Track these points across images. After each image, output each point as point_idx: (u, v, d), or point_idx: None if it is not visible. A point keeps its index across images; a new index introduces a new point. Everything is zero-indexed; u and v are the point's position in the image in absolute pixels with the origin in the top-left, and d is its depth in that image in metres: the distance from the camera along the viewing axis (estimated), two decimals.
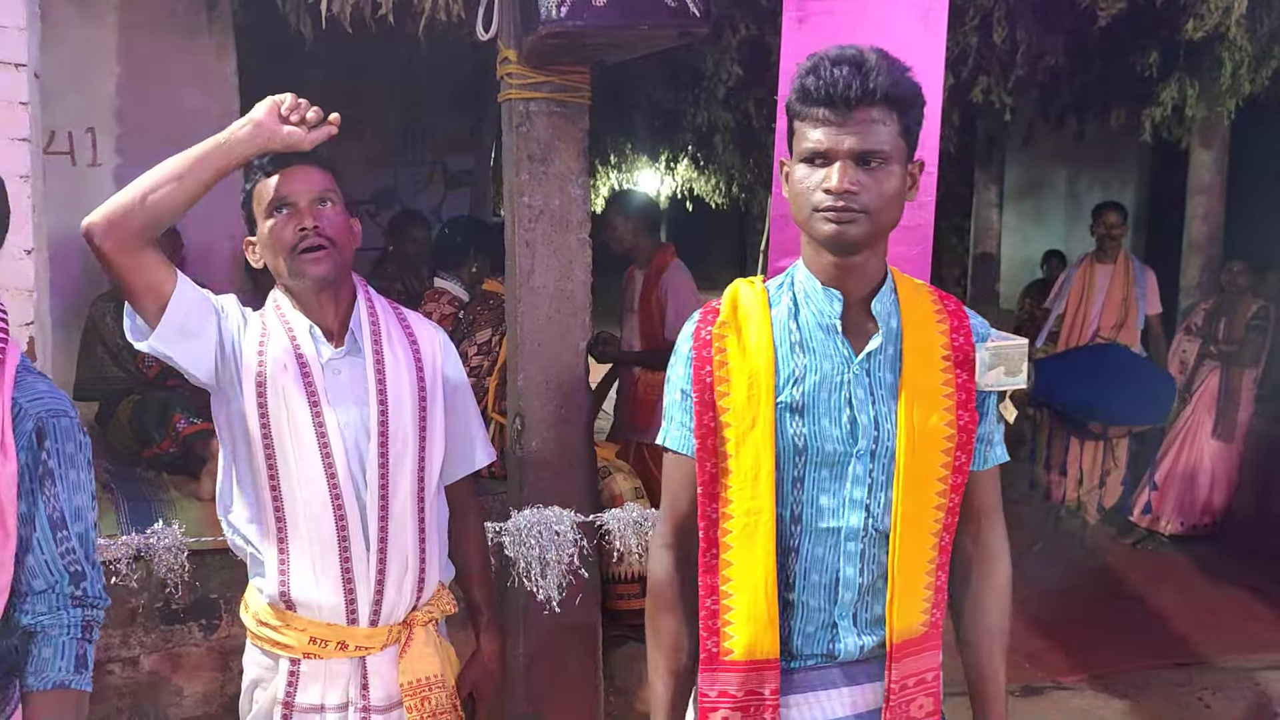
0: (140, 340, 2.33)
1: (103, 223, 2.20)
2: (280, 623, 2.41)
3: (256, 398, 2.35)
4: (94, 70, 5.00)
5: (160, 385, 4.65)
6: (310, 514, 2.36)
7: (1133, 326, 6.98)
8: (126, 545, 3.35)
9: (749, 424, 1.87)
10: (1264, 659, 5.42)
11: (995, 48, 5.72)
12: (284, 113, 2.28)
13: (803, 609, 1.91)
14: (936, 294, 2.03)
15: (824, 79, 1.80)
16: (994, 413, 2.01)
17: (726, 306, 1.97)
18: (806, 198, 1.83)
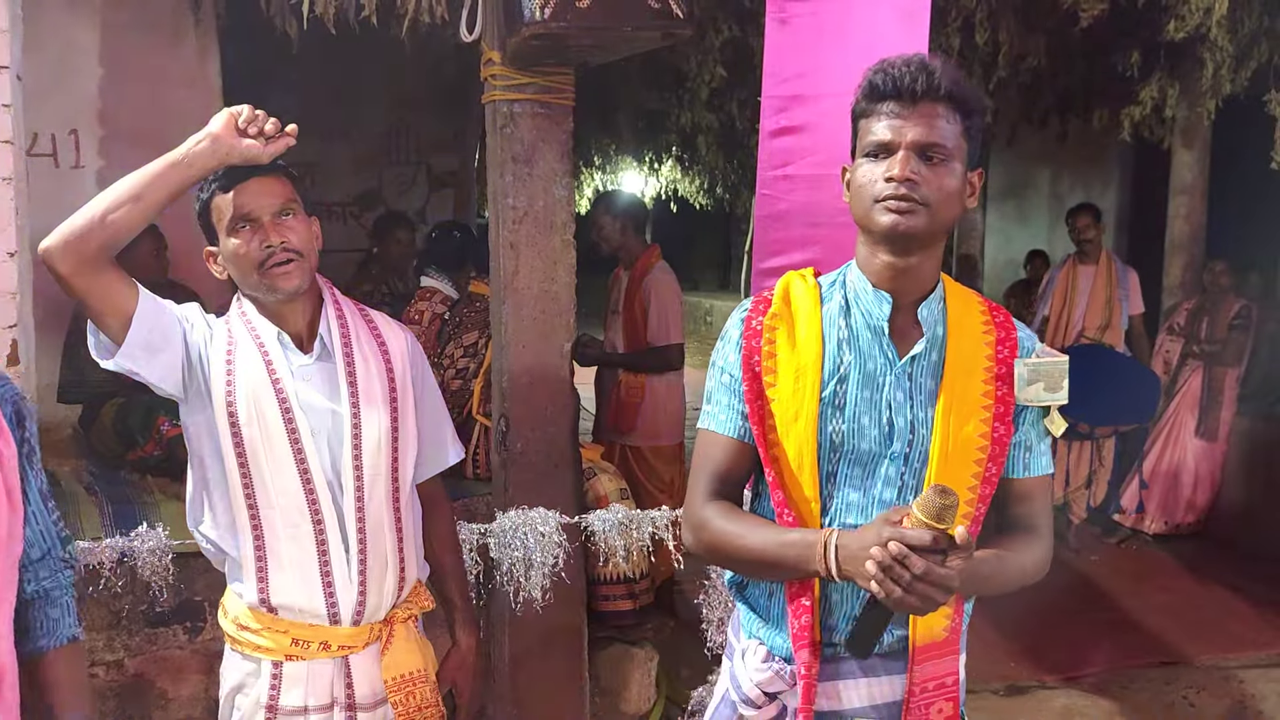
0: (106, 359, 2.32)
1: (60, 245, 2.18)
2: (261, 626, 2.41)
3: (226, 408, 2.34)
4: (77, 72, 4.98)
5: (144, 388, 4.62)
6: (288, 520, 2.36)
7: (1117, 327, 7.03)
8: (110, 548, 3.34)
9: (793, 416, 1.90)
10: (1248, 657, 5.44)
11: (978, 49, 5.75)
12: (241, 125, 2.26)
13: (825, 600, 1.94)
14: (988, 305, 2.05)
15: (891, 74, 1.85)
16: (1034, 424, 2.02)
17: (779, 298, 1.99)
18: (868, 190, 1.86)
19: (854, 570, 1.73)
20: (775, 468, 1.91)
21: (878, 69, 1.88)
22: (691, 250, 15.82)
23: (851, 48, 3.06)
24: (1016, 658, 5.35)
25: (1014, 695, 5.01)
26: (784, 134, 3.11)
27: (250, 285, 2.37)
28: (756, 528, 1.91)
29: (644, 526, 3.58)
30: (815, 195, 3.10)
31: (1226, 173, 7.74)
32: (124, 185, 2.23)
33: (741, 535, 1.89)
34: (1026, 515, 2.02)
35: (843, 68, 3.08)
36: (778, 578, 1.93)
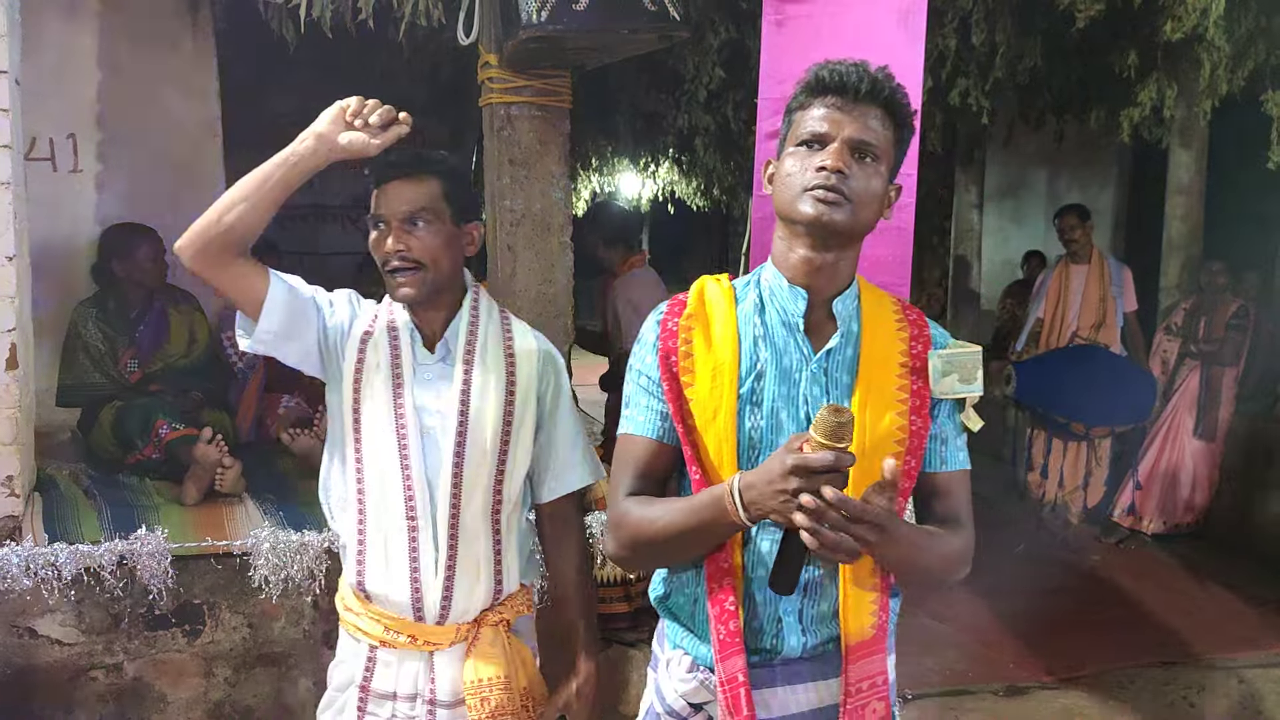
0: (245, 338, 2.45)
1: (187, 246, 2.32)
2: (361, 610, 2.49)
3: (353, 394, 2.44)
4: (75, 76, 4.99)
5: (142, 391, 4.64)
6: (386, 512, 2.42)
7: (1112, 325, 7.02)
8: (110, 551, 3.34)
9: (711, 415, 1.89)
10: (1247, 657, 5.44)
11: (974, 50, 5.75)
12: (348, 117, 2.30)
13: (749, 602, 1.92)
14: (900, 304, 2.05)
15: (837, 70, 1.86)
16: (950, 417, 2.01)
17: (694, 300, 1.99)
18: (796, 179, 1.86)
19: (763, 506, 1.71)
20: (698, 466, 1.90)
21: (822, 66, 1.89)
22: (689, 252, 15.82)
23: (848, 49, 3.05)
24: (1016, 658, 5.35)
25: (1014, 696, 5.01)
26: None
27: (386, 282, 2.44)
28: (670, 504, 1.90)
29: None
30: None
31: (1224, 173, 7.75)
32: (239, 186, 2.31)
33: (658, 516, 1.87)
34: (946, 509, 2.00)
35: None
36: (701, 548, 1.89)
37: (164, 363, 4.77)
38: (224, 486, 4.14)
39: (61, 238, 4.92)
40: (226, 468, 4.13)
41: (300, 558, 3.64)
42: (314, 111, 2.39)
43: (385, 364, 2.43)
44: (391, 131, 2.31)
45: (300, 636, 3.80)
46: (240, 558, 3.69)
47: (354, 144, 2.28)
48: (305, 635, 3.81)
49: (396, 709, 2.49)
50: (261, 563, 3.63)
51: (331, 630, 3.81)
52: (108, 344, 4.68)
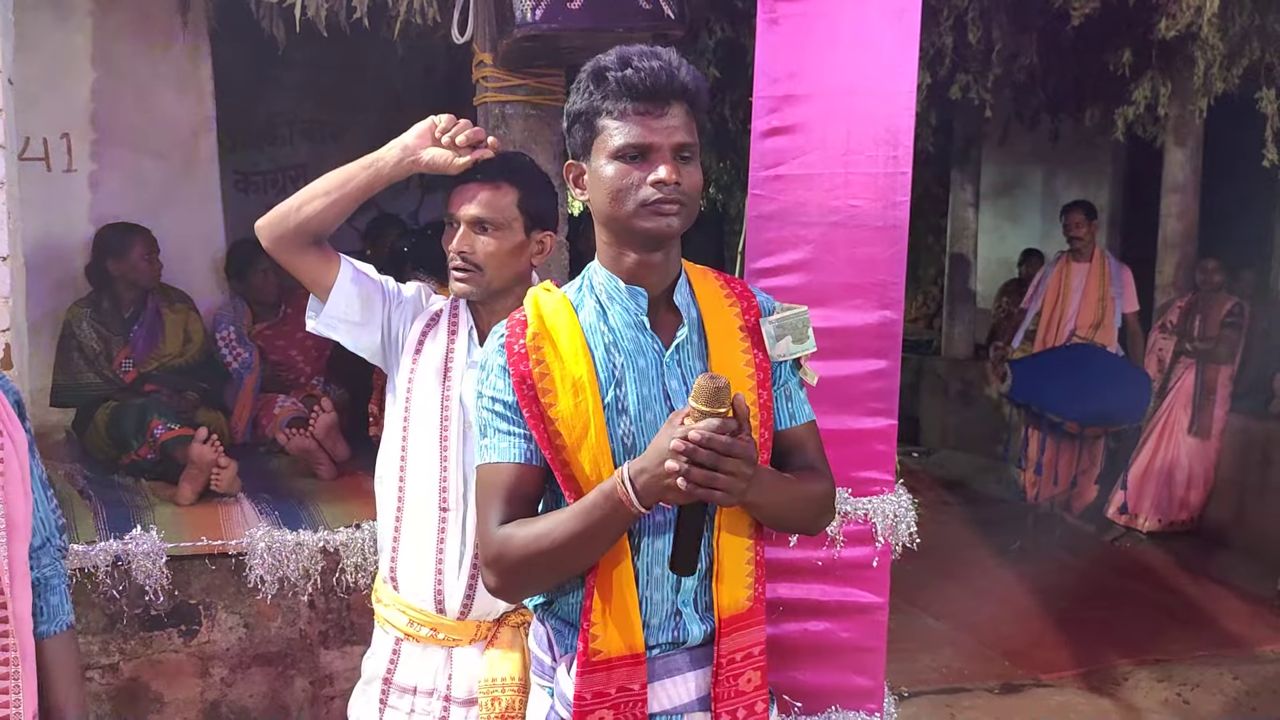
0: (310, 321, 2.56)
1: (265, 226, 2.46)
2: (390, 601, 2.55)
3: (407, 385, 2.52)
4: (69, 76, 4.98)
5: (137, 391, 4.64)
6: (421, 504, 2.50)
7: (1110, 325, 7.03)
8: (105, 551, 3.34)
9: (581, 431, 1.86)
10: (1242, 654, 5.46)
11: (970, 47, 5.76)
12: (437, 134, 2.38)
13: (647, 603, 1.91)
14: (722, 278, 2.06)
15: (641, 71, 1.82)
16: (791, 375, 2.04)
17: (533, 317, 1.95)
18: (630, 194, 1.83)
19: (656, 485, 1.71)
20: (572, 485, 1.87)
21: (621, 63, 1.84)
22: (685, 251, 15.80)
23: (843, 47, 3.07)
24: (1012, 656, 5.36)
25: (1009, 693, 5.01)
26: (776, 134, 3.11)
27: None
28: (556, 515, 1.85)
29: None
30: (807, 195, 3.11)
31: (1219, 171, 7.76)
32: (322, 181, 2.43)
33: (546, 529, 1.83)
34: (803, 460, 2.02)
35: (835, 67, 3.10)
36: (595, 553, 1.85)
37: (159, 363, 4.77)
38: (219, 486, 4.14)
39: (56, 237, 4.91)
40: (222, 468, 4.13)
41: (295, 558, 3.65)
42: (309, 110, 2.39)
43: (439, 357, 2.51)
44: (477, 153, 2.39)
45: (296, 636, 3.80)
46: (236, 558, 3.69)
47: (436, 160, 2.38)
48: (301, 635, 3.81)
49: (415, 703, 2.54)
50: (257, 562, 3.63)
51: (329, 630, 3.83)
52: (102, 344, 4.68)
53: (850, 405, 3.18)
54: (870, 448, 3.25)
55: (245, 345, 5.15)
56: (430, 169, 2.38)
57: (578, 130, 1.92)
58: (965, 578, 6.44)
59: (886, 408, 3.22)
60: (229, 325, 5.15)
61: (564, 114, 1.95)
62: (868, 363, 3.18)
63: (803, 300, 3.08)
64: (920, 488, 7.41)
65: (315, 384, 5.30)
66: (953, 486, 8.88)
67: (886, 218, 3.12)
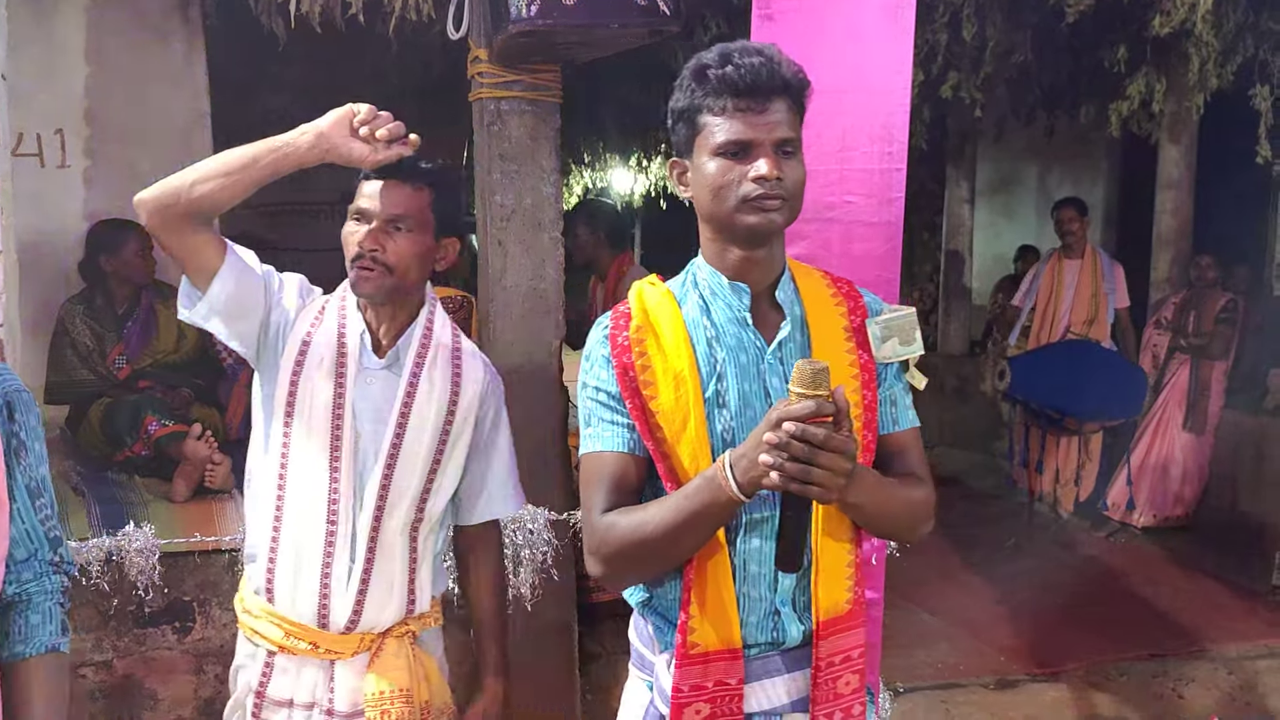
0: (186, 309, 2.36)
1: (150, 201, 2.24)
2: (261, 614, 2.41)
3: (288, 387, 2.37)
4: (63, 72, 4.97)
5: (131, 388, 4.63)
6: (305, 514, 2.36)
7: (1103, 321, 7.06)
8: (98, 548, 3.33)
9: (680, 424, 1.88)
10: (1236, 649, 5.46)
11: (965, 44, 5.76)
12: (355, 125, 2.22)
13: (745, 600, 1.92)
14: (830, 278, 2.07)
15: (742, 68, 1.82)
16: (897, 378, 2.03)
17: (637, 310, 1.97)
18: (731, 190, 1.85)
19: (754, 471, 1.70)
20: (673, 477, 1.88)
21: (722, 60, 1.84)
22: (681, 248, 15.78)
23: (838, 44, 3.07)
24: (1007, 651, 5.36)
25: (1005, 689, 5.02)
26: None
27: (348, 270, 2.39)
28: (658, 503, 1.86)
29: None
30: None
31: (1213, 167, 7.76)
32: (220, 158, 2.24)
33: (648, 517, 1.84)
34: (904, 467, 2.01)
35: (829, 64, 3.08)
36: (696, 541, 1.86)
37: (153, 359, 4.76)
38: (213, 483, 4.13)
39: (49, 234, 4.90)
40: (216, 464, 4.13)
41: None
42: (304, 106, 2.37)
43: (330, 361, 2.37)
44: (394, 149, 2.25)
45: None
46: (230, 554, 3.68)
47: (354, 153, 2.23)
48: None
49: (293, 716, 2.43)
50: None
51: None
52: (96, 340, 4.67)
53: None
54: None
55: None
56: (345, 161, 2.23)
57: (680, 128, 1.93)
58: (961, 574, 6.44)
59: None
60: None
61: (667, 112, 1.96)
62: None
63: None
64: None
65: None
66: (949, 482, 8.87)
67: (882, 214, 3.11)
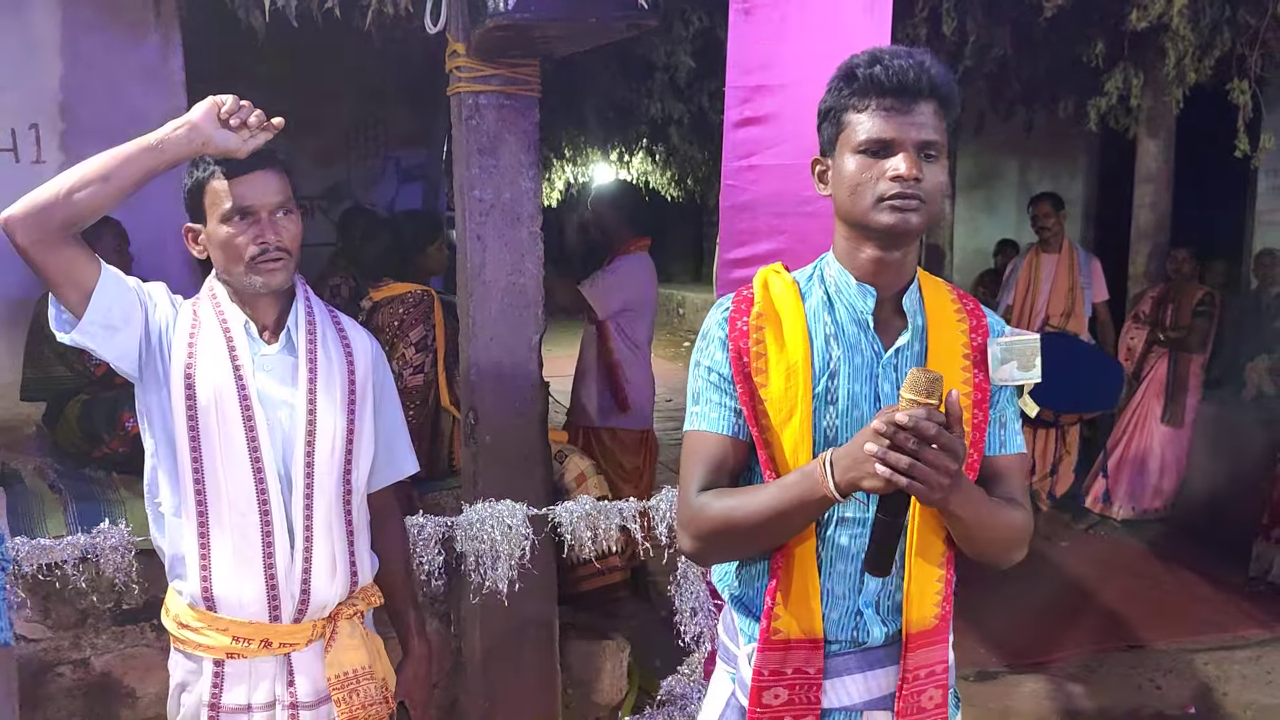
0: (65, 332, 2.29)
1: (22, 217, 2.15)
2: (202, 624, 2.38)
3: (185, 390, 2.32)
4: (37, 67, 4.94)
5: (108, 384, 4.59)
6: (235, 512, 2.34)
7: (1080, 314, 7.09)
8: (73, 545, 3.31)
9: (786, 415, 1.90)
10: (1213, 640, 5.51)
11: (944, 39, 5.77)
12: (223, 115, 2.22)
13: (829, 595, 1.95)
14: (956, 293, 2.07)
15: (892, 69, 1.82)
16: (1010, 402, 2.04)
17: (760, 296, 1.98)
18: (868, 188, 1.85)
19: (854, 472, 1.71)
20: (772, 466, 1.91)
21: (871, 61, 1.85)
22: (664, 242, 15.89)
23: (815, 38, 3.07)
24: (985, 644, 5.39)
25: (983, 681, 5.05)
26: (748, 124, 3.12)
27: (233, 274, 2.36)
28: (755, 489, 1.90)
29: (612, 517, 3.58)
30: (780, 185, 3.11)
31: (1191, 162, 7.80)
32: (93, 164, 2.19)
33: (743, 503, 1.88)
34: (1005, 492, 2.01)
35: (807, 58, 3.09)
36: (787, 532, 1.89)
37: None
38: None
39: None
40: None
41: None
42: (281, 101, 2.37)
43: (223, 358, 2.35)
44: (261, 136, 2.26)
45: None
46: None
47: (229, 143, 2.22)
48: None
49: (253, 719, 2.43)
50: None
51: None
52: None
53: None
54: None
55: None
56: (219, 151, 2.22)
57: (826, 127, 1.94)
58: None
59: None
60: None
61: (816, 113, 1.96)
62: None
63: None
64: None
65: None
66: None
67: None
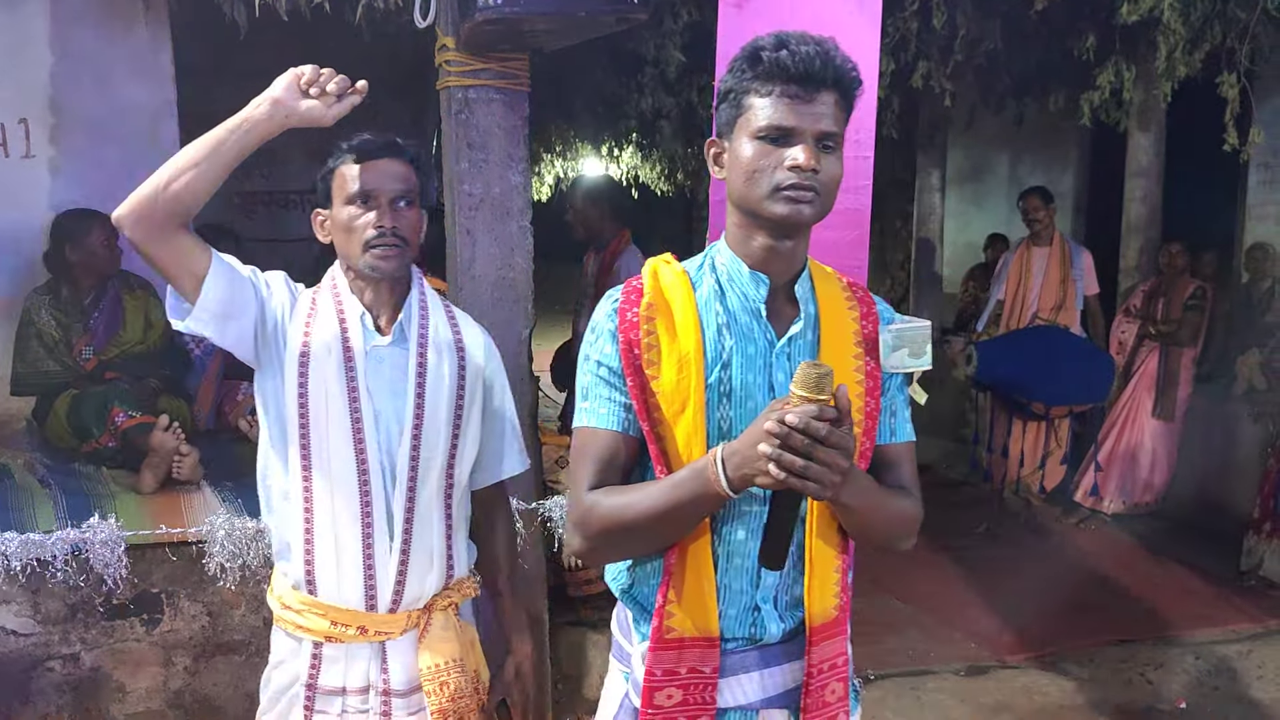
0: (179, 319, 2.35)
1: (129, 214, 2.24)
2: (304, 607, 2.43)
3: (298, 378, 2.37)
4: (27, 61, 4.92)
5: (98, 379, 4.59)
6: (338, 500, 2.38)
7: (1071, 308, 7.10)
8: (62, 540, 3.31)
9: (679, 408, 1.85)
10: (1204, 634, 5.51)
11: (935, 33, 5.77)
12: (303, 85, 2.24)
13: (726, 591, 1.91)
14: (846, 281, 2.04)
15: (799, 56, 1.78)
16: (900, 390, 2.02)
17: (650, 287, 1.93)
18: (765, 176, 1.81)
19: (747, 468, 1.69)
20: (664, 461, 1.87)
21: (777, 45, 1.80)
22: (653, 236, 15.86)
23: None
24: (977, 638, 5.40)
25: (975, 675, 5.04)
26: None
27: (350, 258, 2.41)
28: (646, 487, 1.85)
29: None
30: None
31: (1182, 155, 7.81)
32: (186, 153, 2.24)
33: (634, 500, 1.83)
34: (896, 479, 2.00)
35: None
36: (679, 531, 1.85)
37: (119, 350, 4.72)
38: (181, 474, 4.11)
39: (14, 224, 4.85)
40: (183, 455, 4.10)
41: (256, 544, 3.62)
42: None
43: (336, 348, 2.38)
44: (346, 101, 2.28)
45: (260, 624, 3.78)
46: (197, 545, 3.66)
47: (313, 112, 2.24)
48: (265, 623, 3.75)
49: (347, 703, 2.46)
50: (217, 550, 3.61)
51: None
52: (62, 331, 4.63)
53: None
54: None
55: None
56: (305, 122, 2.25)
57: (725, 108, 1.89)
58: (931, 561, 6.47)
59: None
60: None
61: (715, 93, 1.93)
62: None
63: None
64: None
65: None
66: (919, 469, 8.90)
67: (849, 201, 3.11)
